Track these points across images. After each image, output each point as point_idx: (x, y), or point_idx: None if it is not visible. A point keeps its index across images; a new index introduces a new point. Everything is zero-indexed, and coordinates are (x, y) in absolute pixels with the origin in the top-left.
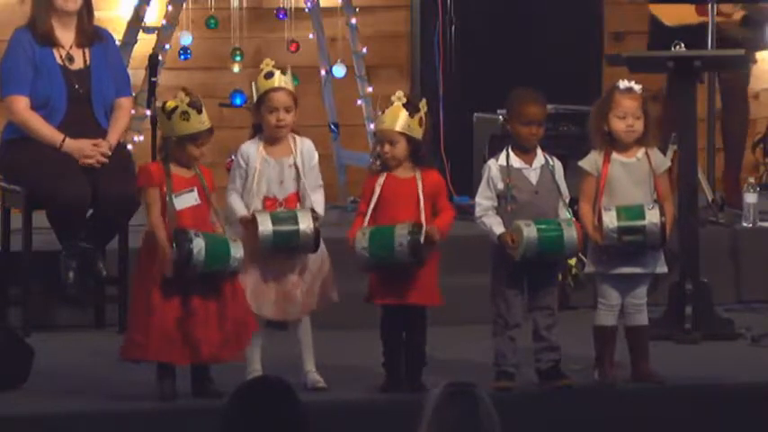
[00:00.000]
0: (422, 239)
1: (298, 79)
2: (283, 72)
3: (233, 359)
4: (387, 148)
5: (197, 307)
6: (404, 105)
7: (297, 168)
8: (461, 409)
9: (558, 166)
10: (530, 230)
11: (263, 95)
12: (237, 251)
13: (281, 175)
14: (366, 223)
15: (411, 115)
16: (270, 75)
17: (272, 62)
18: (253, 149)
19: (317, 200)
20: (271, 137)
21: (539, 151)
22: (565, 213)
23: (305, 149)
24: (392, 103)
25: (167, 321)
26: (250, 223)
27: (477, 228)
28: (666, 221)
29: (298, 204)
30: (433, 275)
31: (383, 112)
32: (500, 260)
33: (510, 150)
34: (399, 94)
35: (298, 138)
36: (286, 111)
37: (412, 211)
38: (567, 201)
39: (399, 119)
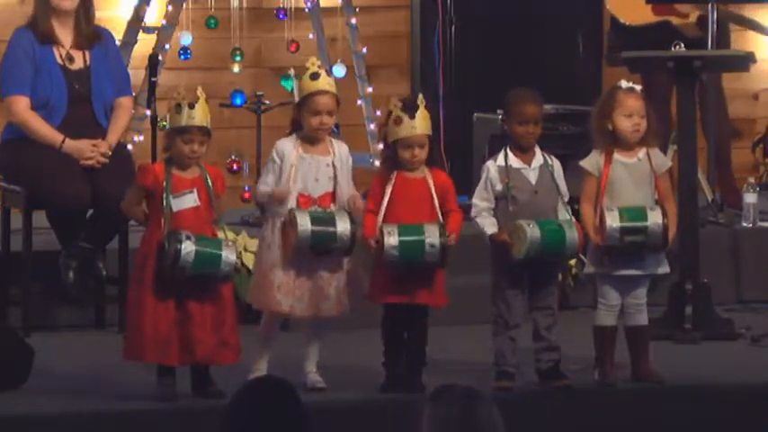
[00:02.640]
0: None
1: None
2: (328, 73)
3: (228, 362)
4: (417, 151)
5: (193, 309)
6: (425, 108)
7: (334, 168)
8: (479, 416)
9: (557, 165)
10: (533, 230)
11: (308, 97)
12: (230, 256)
13: (317, 173)
14: (380, 221)
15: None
16: (316, 76)
17: (318, 62)
18: (289, 146)
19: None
20: (310, 137)
21: (537, 151)
22: (564, 213)
23: (342, 152)
24: (416, 108)
25: (161, 323)
26: (282, 222)
27: (478, 228)
28: (670, 222)
29: (332, 205)
30: (441, 276)
31: (411, 117)
32: (501, 260)
33: (508, 151)
34: (420, 97)
35: (335, 141)
36: (329, 114)
37: (423, 211)
38: (567, 200)
39: (427, 121)
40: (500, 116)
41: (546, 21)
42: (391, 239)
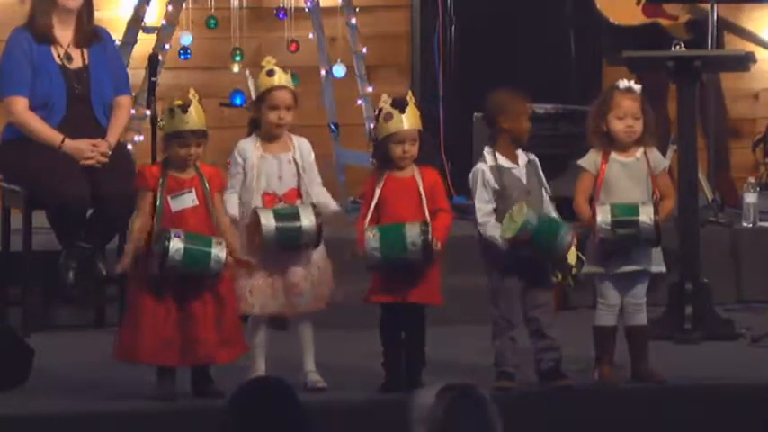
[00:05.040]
0: (430, 238)
1: (298, 79)
2: (285, 71)
3: (229, 361)
4: (407, 147)
5: (195, 308)
6: (414, 104)
7: (296, 164)
8: (473, 414)
9: (537, 161)
10: (530, 212)
11: (265, 93)
12: (220, 251)
13: (280, 171)
14: (367, 223)
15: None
16: (272, 72)
17: (274, 60)
18: (250, 146)
19: (324, 194)
20: (269, 134)
21: (519, 150)
22: (551, 209)
23: (302, 146)
24: (406, 103)
25: (159, 323)
26: (246, 224)
27: (487, 235)
28: (660, 215)
29: (298, 200)
30: (435, 275)
31: (401, 112)
32: (495, 262)
33: (495, 151)
34: (410, 93)
35: (294, 136)
36: (287, 109)
37: (411, 210)
38: (549, 194)
39: (417, 118)
40: (487, 117)
41: (546, 21)
42: (372, 241)
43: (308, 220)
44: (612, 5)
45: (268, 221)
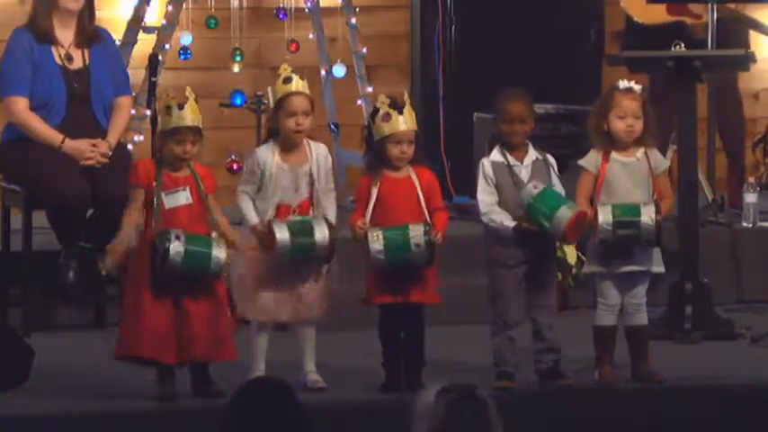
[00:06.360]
0: (433, 238)
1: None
2: (301, 77)
3: (226, 359)
4: (405, 147)
5: (189, 307)
6: (410, 104)
7: (311, 175)
8: (473, 414)
9: (551, 161)
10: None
11: (282, 99)
12: (220, 253)
13: (296, 183)
14: (367, 224)
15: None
16: (288, 79)
17: (290, 68)
18: (269, 155)
19: (329, 205)
20: (287, 142)
21: (530, 149)
22: None
23: (320, 154)
24: (403, 104)
25: (157, 320)
26: (264, 234)
27: (477, 228)
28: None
29: (310, 210)
30: (434, 274)
31: (400, 113)
32: (496, 259)
33: (502, 148)
34: (406, 93)
35: (312, 143)
36: (305, 115)
37: (410, 210)
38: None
39: (413, 118)
40: (492, 116)
41: (546, 21)
42: (376, 244)
43: (321, 234)
44: (637, 4)
45: (283, 236)
